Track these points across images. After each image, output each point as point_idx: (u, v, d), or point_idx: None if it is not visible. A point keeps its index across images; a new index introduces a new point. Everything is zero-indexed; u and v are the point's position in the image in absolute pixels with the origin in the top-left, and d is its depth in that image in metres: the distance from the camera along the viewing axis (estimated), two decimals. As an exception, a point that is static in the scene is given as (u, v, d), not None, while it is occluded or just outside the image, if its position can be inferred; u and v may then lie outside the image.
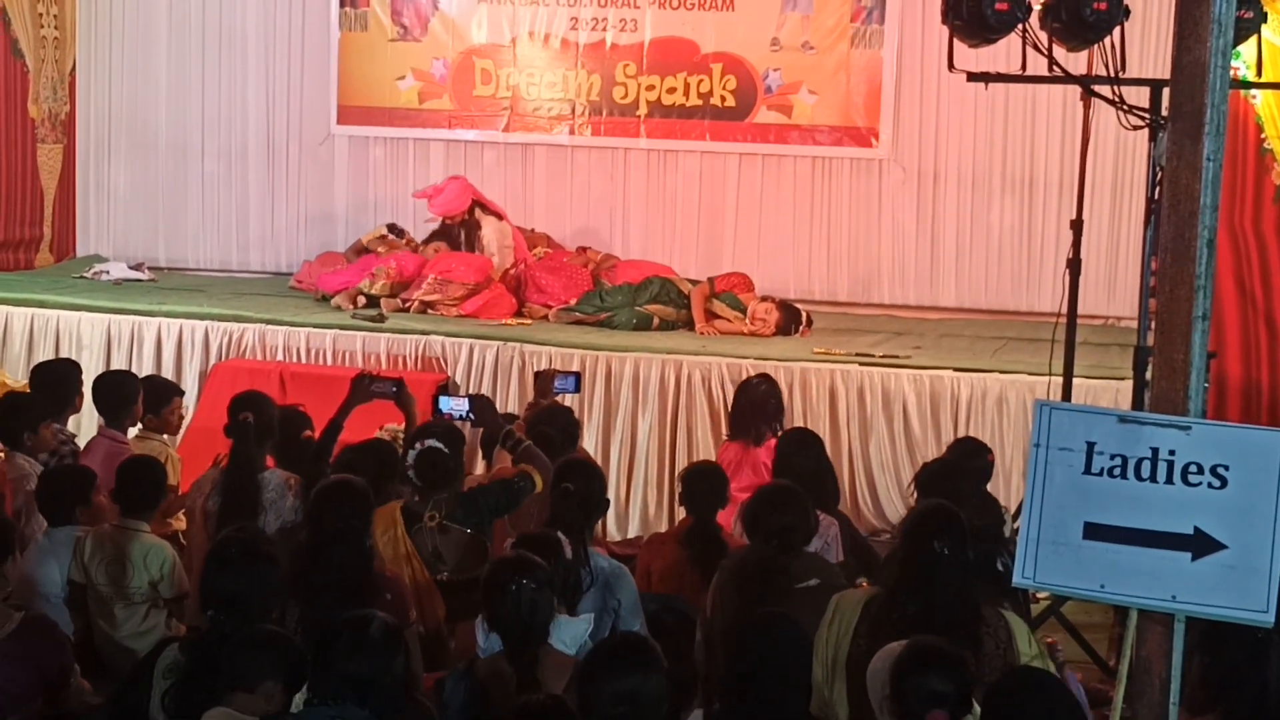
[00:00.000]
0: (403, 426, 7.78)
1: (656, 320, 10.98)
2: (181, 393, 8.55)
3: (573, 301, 11.15)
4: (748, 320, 10.92)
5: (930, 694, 4.53)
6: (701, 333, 10.83)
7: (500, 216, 11.85)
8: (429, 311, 11.06)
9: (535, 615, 5.16)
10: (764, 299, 11.14)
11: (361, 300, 11.23)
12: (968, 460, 7.49)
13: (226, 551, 5.45)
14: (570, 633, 5.39)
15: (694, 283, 11.23)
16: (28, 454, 7.54)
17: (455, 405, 7.46)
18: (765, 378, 8.95)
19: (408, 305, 11.14)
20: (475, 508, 6.63)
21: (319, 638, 4.77)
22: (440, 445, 6.68)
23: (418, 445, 6.73)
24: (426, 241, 11.92)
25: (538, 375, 8.76)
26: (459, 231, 11.79)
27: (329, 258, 12.09)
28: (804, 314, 11.09)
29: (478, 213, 11.80)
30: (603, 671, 4.65)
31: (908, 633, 4.91)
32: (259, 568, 5.37)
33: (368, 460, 6.84)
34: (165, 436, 8.21)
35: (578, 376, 8.77)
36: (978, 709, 4.66)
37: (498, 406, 8.37)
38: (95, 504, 6.86)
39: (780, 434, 8.14)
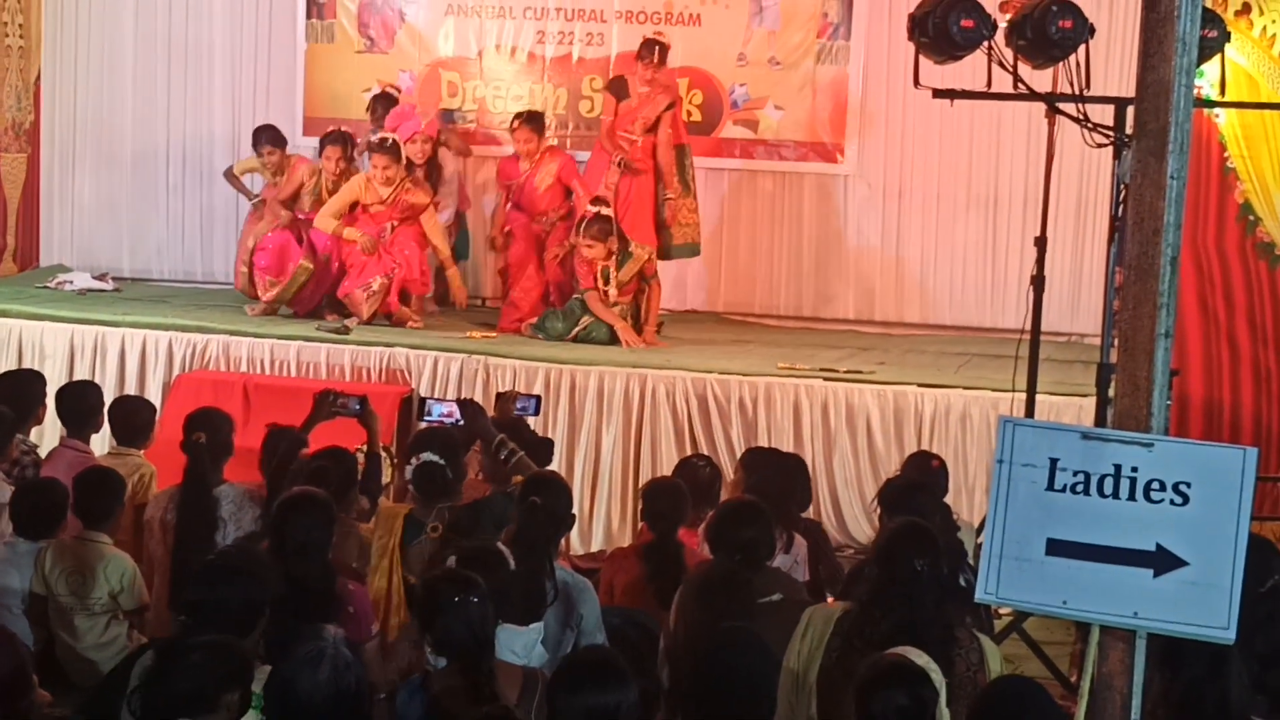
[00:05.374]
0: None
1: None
2: (153, 410, 8.52)
3: (534, 320, 11.08)
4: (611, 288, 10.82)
5: (896, 709, 4.54)
6: (629, 345, 10.74)
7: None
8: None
9: (483, 629, 5.15)
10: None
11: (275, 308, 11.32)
12: (926, 475, 7.49)
13: (212, 564, 5.51)
14: (521, 642, 5.45)
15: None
16: (-6, 466, 7.51)
17: (445, 410, 7.43)
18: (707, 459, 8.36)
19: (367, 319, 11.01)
20: (478, 521, 6.60)
21: (277, 656, 4.74)
22: (436, 458, 6.67)
23: (414, 459, 6.72)
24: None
25: (499, 396, 8.70)
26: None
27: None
28: (614, 223, 10.83)
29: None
30: (578, 686, 4.64)
31: (880, 648, 4.91)
32: (239, 582, 5.34)
33: (331, 471, 6.81)
34: (140, 453, 8.09)
35: (538, 399, 8.74)
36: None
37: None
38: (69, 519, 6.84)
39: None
